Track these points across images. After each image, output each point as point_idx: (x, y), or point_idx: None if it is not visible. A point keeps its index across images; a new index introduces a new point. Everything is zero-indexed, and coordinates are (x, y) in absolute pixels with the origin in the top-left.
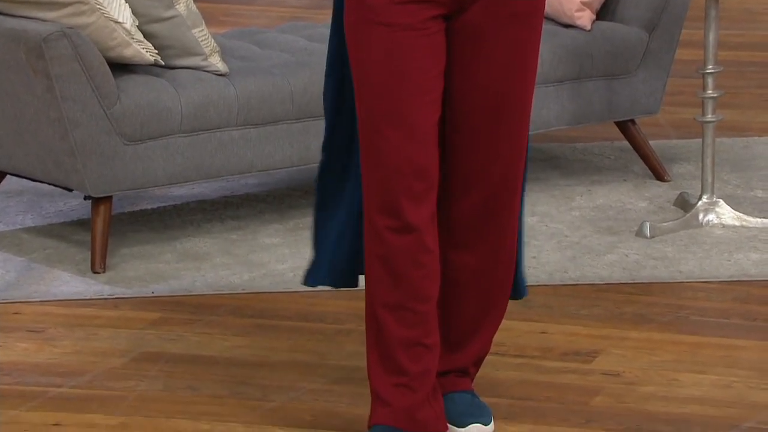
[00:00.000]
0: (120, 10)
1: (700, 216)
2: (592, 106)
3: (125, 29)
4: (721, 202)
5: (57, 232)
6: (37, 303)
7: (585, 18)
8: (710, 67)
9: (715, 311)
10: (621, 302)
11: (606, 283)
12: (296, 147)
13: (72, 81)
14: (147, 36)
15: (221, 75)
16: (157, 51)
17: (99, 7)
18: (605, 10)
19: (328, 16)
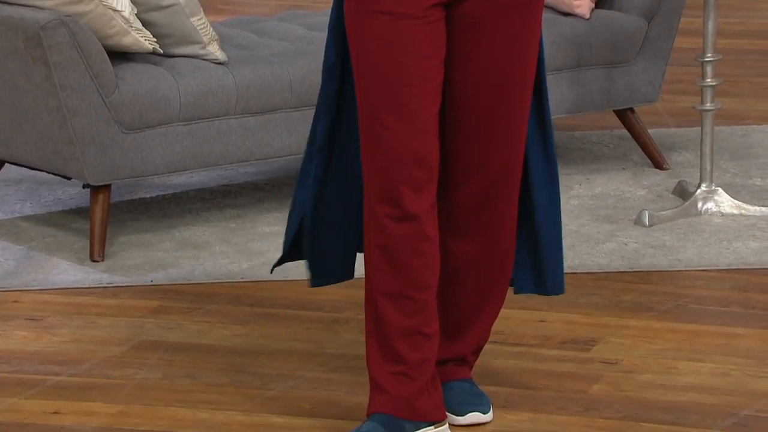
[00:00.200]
0: None
1: (699, 204)
2: (590, 94)
3: (124, 17)
4: (720, 190)
5: (56, 220)
6: (36, 291)
7: (584, 6)
8: (709, 55)
9: (713, 299)
10: (620, 291)
11: (605, 271)
12: (295, 136)
13: (70, 69)
14: (145, 24)
15: (220, 63)
16: (155, 39)
17: None
18: None
19: (327, 4)
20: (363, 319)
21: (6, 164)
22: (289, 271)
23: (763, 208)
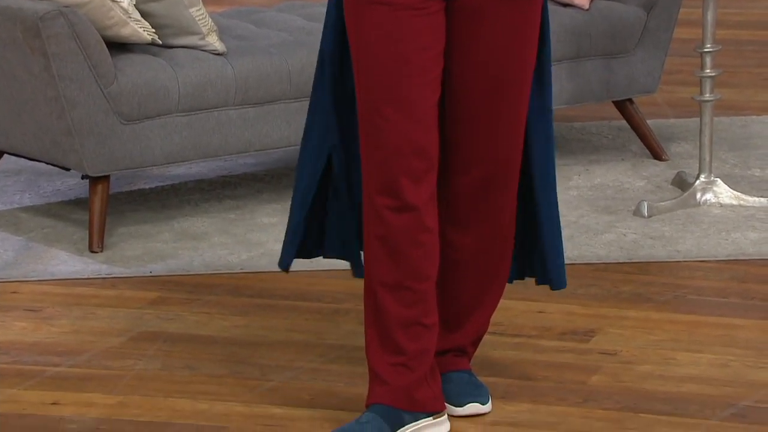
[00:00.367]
0: None
1: (698, 195)
2: (590, 85)
3: (122, 8)
4: (719, 181)
5: (55, 211)
6: (35, 282)
7: None
8: (708, 45)
9: (712, 290)
10: (618, 281)
11: (603, 262)
12: (294, 126)
13: (69, 60)
14: (144, 15)
15: (219, 54)
16: (154, 30)
17: None
18: None
19: None
20: (362, 310)
21: (5, 155)
22: None
23: (761, 199)
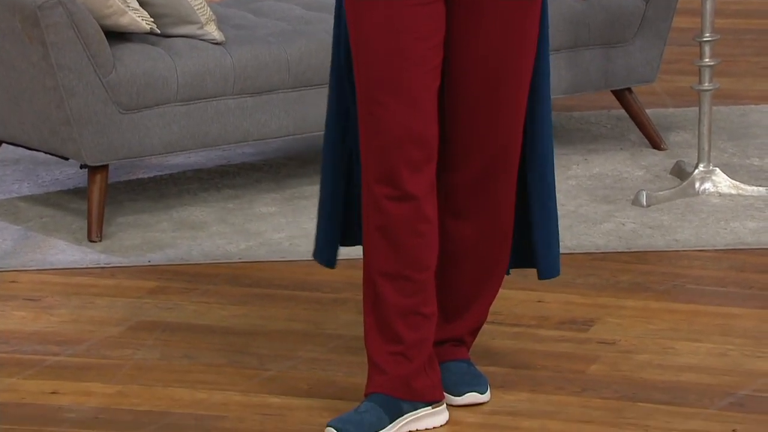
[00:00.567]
0: None
1: (697, 184)
2: (588, 74)
3: None
4: (718, 170)
5: (53, 200)
6: (34, 271)
7: None
8: (707, 34)
9: (711, 279)
10: (617, 271)
11: (602, 251)
12: (292, 116)
13: (67, 49)
14: (142, 4)
15: (217, 44)
16: (153, 19)
17: None
18: None
19: None
20: (361, 300)
21: (3, 144)
22: (287, 251)
23: (760, 188)
